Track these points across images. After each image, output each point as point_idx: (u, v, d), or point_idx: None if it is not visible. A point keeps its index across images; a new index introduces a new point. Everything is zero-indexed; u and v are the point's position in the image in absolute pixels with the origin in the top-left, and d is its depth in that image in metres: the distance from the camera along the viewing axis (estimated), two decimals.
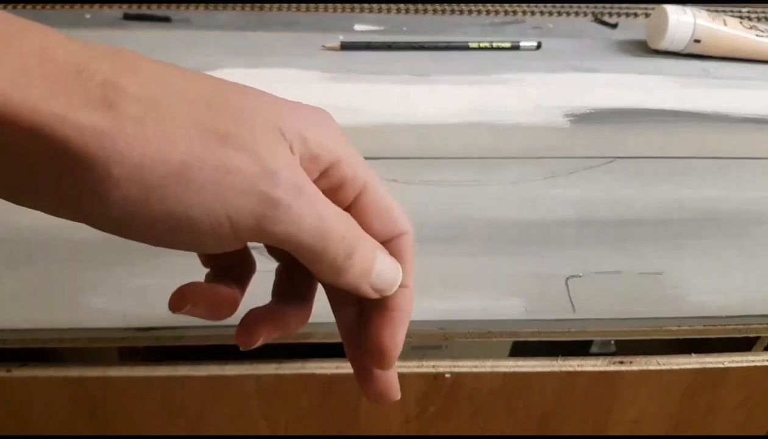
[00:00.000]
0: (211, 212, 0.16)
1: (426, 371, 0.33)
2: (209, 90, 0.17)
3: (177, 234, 0.17)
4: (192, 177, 0.16)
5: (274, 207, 0.17)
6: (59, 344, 0.31)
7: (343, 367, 0.33)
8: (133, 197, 0.15)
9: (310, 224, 0.17)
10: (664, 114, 0.48)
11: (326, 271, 0.19)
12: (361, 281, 0.19)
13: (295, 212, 0.17)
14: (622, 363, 0.34)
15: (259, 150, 0.17)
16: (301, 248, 0.18)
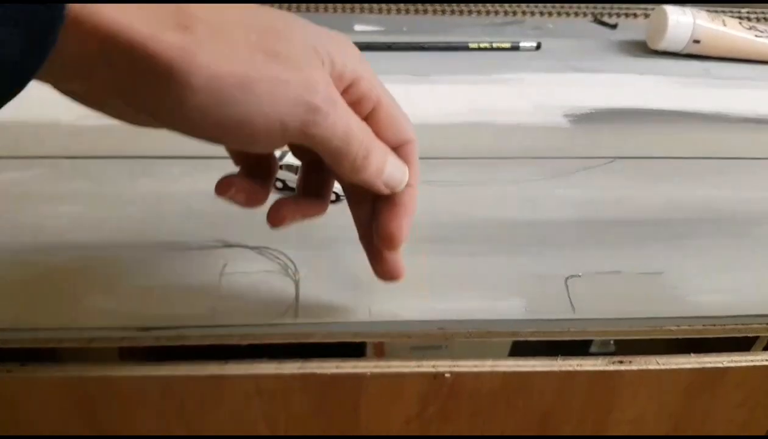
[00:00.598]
0: (266, 117, 0.20)
1: (426, 371, 0.33)
2: (260, 17, 0.21)
3: (238, 135, 0.20)
4: (253, 88, 0.19)
5: (315, 114, 0.21)
6: (59, 343, 0.31)
7: (343, 367, 0.33)
8: (206, 103, 0.19)
9: (340, 129, 0.22)
10: (664, 114, 0.48)
11: (347, 169, 0.23)
12: (375, 178, 0.24)
13: (331, 120, 0.21)
14: (622, 363, 0.34)
15: (303, 67, 0.21)
16: (330, 150, 0.22)
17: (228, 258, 0.33)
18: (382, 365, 0.33)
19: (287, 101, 0.20)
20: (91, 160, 0.40)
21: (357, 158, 0.23)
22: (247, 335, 0.31)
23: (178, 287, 0.31)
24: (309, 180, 0.28)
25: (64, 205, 0.36)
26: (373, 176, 0.24)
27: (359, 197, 0.27)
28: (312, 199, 0.28)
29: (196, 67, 0.18)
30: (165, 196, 0.37)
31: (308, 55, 0.21)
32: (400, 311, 0.31)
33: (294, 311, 0.31)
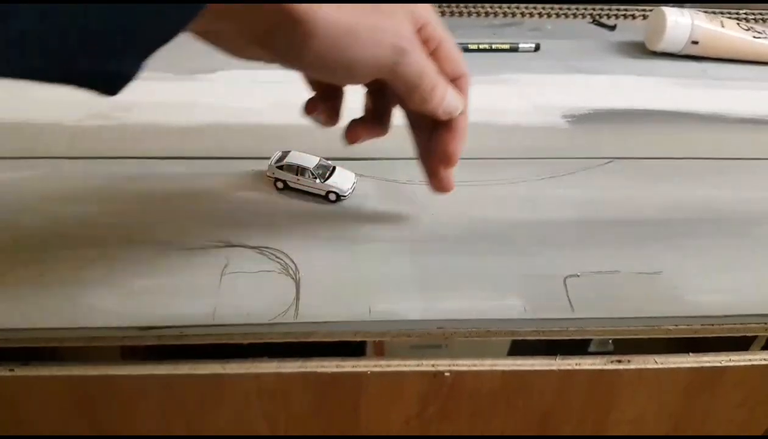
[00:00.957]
0: (369, 58, 0.25)
1: (426, 370, 0.33)
2: None
3: (343, 71, 0.26)
4: (359, 34, 0.25)
5: (402, 55, 0.26)
6: (61, 343, 0.31)
7: (343, 366, 0.33)
8: (325, 47, 0.24)
9: (417, 67, 0.27)
10: (662, 115, 0.48)
11: (417, 100, 0.28)
12: (437, 107, 0.29)
13: (412, 59, 0.27)
14: (621, 362, 0.34)
15: (394, 17, 0.26)
16: (407, 84, 0.27)
17: (229, 258, 0.33)
18: (382, 364, 0.33)
19: (384, 45, 0.26)
20: (93, 160, 0.40)
21: (425, 91, 0.28)
22: (248, 335, 0.31)
23: (180, 286, 0.32)
24: (374, 106, 0.33)
25: (66, 206, 0.36)
26: (436, 105, 0.29)
27: (421, 124, 0.33)
28: (377, 123, 0.33)
29: (320, 18, 0.23)
30: (166, 197, 0.38)
31: (396, 8, 0.26)
32: (400, 311, 0.31)
33: (294, 311, 0.31)
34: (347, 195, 0.37)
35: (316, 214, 0.37)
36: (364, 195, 0.38)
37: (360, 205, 0.38)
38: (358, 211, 0.37)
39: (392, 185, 0.39)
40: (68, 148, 0.41)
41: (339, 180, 0.37)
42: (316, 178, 0.37)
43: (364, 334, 0.32)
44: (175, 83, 0.49)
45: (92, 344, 0.31)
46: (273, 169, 0.38)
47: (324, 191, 0.37)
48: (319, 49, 0.24)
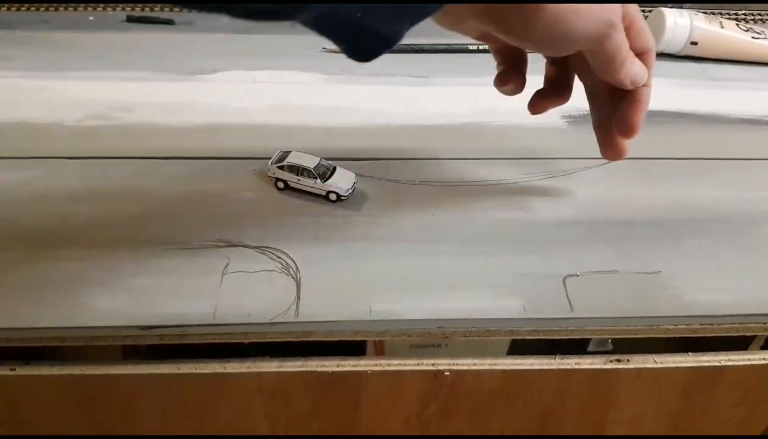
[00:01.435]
0: (586, 31, 0.28)
1: (426, 369, 0.33)
2: None
3: (563, 44, 0.29)
4: (580, 10, 0.27)
5: (612, 29, 0.29)
6: (62, 342, 0.31)
7: (343, 365, 0.33)
8: (551, 22, 0.27)
9: (617, 41, 0.29)
10: (661, 115, 0.48)
11: (610, 70, 0.31)
12: (625, 77, 0.31)
13: (618, 33, 0.29)
14: (620, 362, 0.34)
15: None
16: (606, 55, 0.30)
17: (230, 258, 0.33)
18: (383, 364, 0.33)
19: (599, 20, 0.28)
20: (94, 160, 0.40)
21: (617, 62, 0.31)
22: (249, 334, 0.31)
23: (180, 286, 0.32)
24: (556, 75, 0.36)
25: (66, 206, 0.36)
26: (624, 76, 0.32)
27: (600, 95, 0.35)
28: (559, 91, 0.36)
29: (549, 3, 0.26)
30: (167, 197, 0.38)
31: None
32: (400, 310, 0.31)
33: (295, 310, 0.31)
34: (347, 195, 0.38)
35: (317, 215, 0.37)
36: (364, 195, 0.38)
37: (360, 205, 0.38)
38: (358, 211, 0.37)
39: (392, 185, 0.40)
40: (68, 148, 0.41)
41: (339, 180, 0.38)
42: (316, 178, 0.37)
43: (364, 333, 0.32)
44: (175, 83, 0.49)
45: (93, 343, 0.31)
46: (273, 169, 0.38)
47: (324, 191, 0.37)
48: (547, 23, 0.27)
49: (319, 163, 0.38)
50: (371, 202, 0.38)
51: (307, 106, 0.47)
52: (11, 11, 0.58)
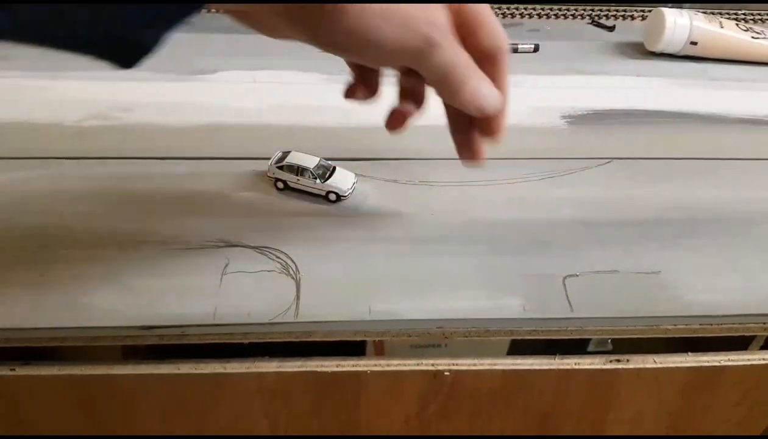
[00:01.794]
0: (397, 41, 0.25)
1: (425, 369, 0.33)
2: None
3: (373, 53, 0.26)
4: (390, 17, 0.24)
5: (431, 46, 0.26)
6: (62, 342, 0.31)
7: (343, 365, 0.33)
8: (355, 26, 0.24)
9: (446, 58, 0.26)
10: (661, 115, 0.48)
11: (445, 91, 0.28)
12: (469, 102, 0.28)
13: (442, 51, 0.26)
14: (619, 362, 0.34)
15: (428, 5, 0.26)
16: (435, 74, 0.27)
17: (230, 258, 0.33)
18: (382, 364, 0.33)
19: (413, 31, 0.25)
20: (93, 160, 0.40)
21: (454, 84, 0.28)
22: (249, 334, 0.31)
23: (180, 286, 0.32)
24: (405, 85, 0.33)
25: (66, 206, 0.36)
26: (468, 101, 0.28)
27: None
28: (414, 102, 0.33)
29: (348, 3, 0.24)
30: (166, 197, 0.38)
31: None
32: (399, 310, 0.31)
33: (295, 310, 0.31)
34: (347, 195, 0.38)
35: (316, 215, 0.37)
36: (364, 195, 0.38)
37: (360, 205, 0.38)
38: (358, 212, 0.37)
39: (392, 185, 0.40)
40: (68, 148, 0.41)
41: (339, 180, 0.38)
42: (316, 178, 0.37)
43: (364, 333, 0.32)
44: (175, 83, 0.49)
45: (93, 343, 0.31)
46: (273, 170, 0.38)
47: (324, 191, 0.37)
48: (349, 28, 0.24)
49: (318, 163, 0.38)
50: (371, 202, 0.38)
51: (307, 106, 0.47)
52: None
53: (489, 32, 0.29)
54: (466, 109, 0.29)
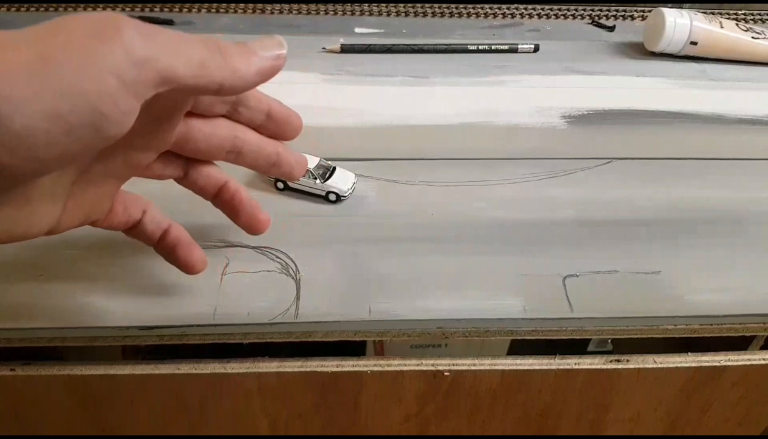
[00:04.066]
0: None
1: (425, 369, 0.34)
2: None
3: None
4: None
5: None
6: (62, 342, 0.31)
7: (343, 365, 0.33)
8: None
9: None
10: (661, 115, 0.48)
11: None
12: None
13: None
14: (619, 362, 0.34)
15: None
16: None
17: (229, 258, 0.33)
18: (382, 364, 0.33)
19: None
20: None
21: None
22: (249, 334, 0.31)
23: (180, 286, 0.32)
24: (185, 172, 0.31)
25: None
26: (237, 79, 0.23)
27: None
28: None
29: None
30: (167, 197, 0.38)
31: None
32: (399, 310, 0.31)
33: (295, 310, 0.31)
34: (347, 195, 0.38)
35: (316, 215, 0.37)
36: (364, 195, 0.38)
37: (360, 205, 0.38)
38: (358, 211, 0.37)
39: (392, 185, 0.40)
40: None
41: (339, 180, 0.38)
42: (316, 178, 0.37)
43: (364, 333, 0.32)
44: None
45: (93, 343, 0.31)
46: None
47: (324, 191, 0.38)
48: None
49: (318, 164, 0.38)
50: (371, 202, 0.38)
51: (306, 107, 0.47)
52: (11, 11, 0.58)
53: (252, 103, 0.27)
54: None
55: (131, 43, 0.19)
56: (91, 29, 0.19)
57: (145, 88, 0.19)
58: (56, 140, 0.19)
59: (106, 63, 0.18)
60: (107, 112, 0.19)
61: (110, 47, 0.18)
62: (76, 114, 0.18)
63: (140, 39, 0.19)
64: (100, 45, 0.18)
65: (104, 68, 0.18)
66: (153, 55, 0.19)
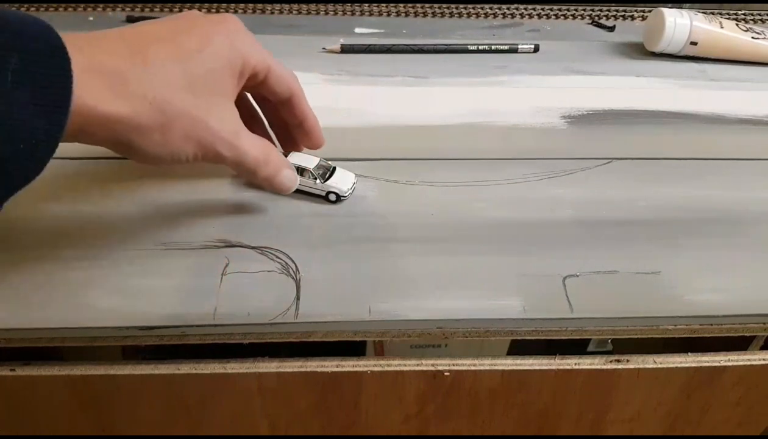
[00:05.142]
0: (194, 157, 0.31)
1: (425, 369, 0.34)
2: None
3: (179, 165, 0.33)
4: (183, 141, 0.29)
5: (220, 156, 0.31)
6: (62, 342, 0.31)
7: (343, 365, 0.33)
8: (158, 155, 0.29)
9: (236, 159, 0.32)
10: (661, 115, 0.48)
11: (242, 175, 0.36)
12: (265, 185, 0.34)
13: (230, 156, 0.31)
14: (619, 362, 0.34)
15: (221, 121, 0.31)
16: (232, 167, 0.32)
17: (229, 258, 0.33)
18: (382, 364, 0.33)
19: (205, 148, 0.30)
20: (93, 160, 0.40)
21: (247, 175, 0.33)
22: (249, 334, 0.31)
23: (180, 286, 0.32)
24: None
25: (67, 206, 0.36)
26: (262, 181, 0.34)
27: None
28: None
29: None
30: (167, 197, 0.38)
31: (214, 93, 0.30)
32: (399, 310, 0.31)
33: (295, 311, 0.31)
34: (347, 195, 0.38)
35: (316, 215, 0.37)
36: (364, 195, 0.39)
37: (360, 205, 0.38)
38: (358, 212, 0.37)
39: (392, 185, 0.40)
40: (68, 148, 0.41)
41: (339, 180, 0.38)
42: (316, 178, 0.37)
43: (364, 334, 0.32)
44: None
45: (93, 343, 0.31)
46: None
47: (324, 192, 0.38)
48: (152, 158, 0.29)
49: (318, 164, 0.38)
50: (371, 202, 0.38)
51: None
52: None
53: (277, 80, 0.33)
54: (266, 188, 0.35)
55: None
56: None
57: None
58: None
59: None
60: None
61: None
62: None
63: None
64: None
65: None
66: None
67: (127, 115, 0.26)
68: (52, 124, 0.24)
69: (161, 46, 0.28)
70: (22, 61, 0.22)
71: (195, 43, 0.29)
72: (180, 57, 0.28)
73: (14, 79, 0.22)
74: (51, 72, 0.23)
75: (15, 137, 0.23)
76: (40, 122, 0.23)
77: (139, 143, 0.28)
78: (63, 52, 0.24)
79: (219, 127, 0.30)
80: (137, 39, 0.28)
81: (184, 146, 0.29)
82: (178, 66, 0.28)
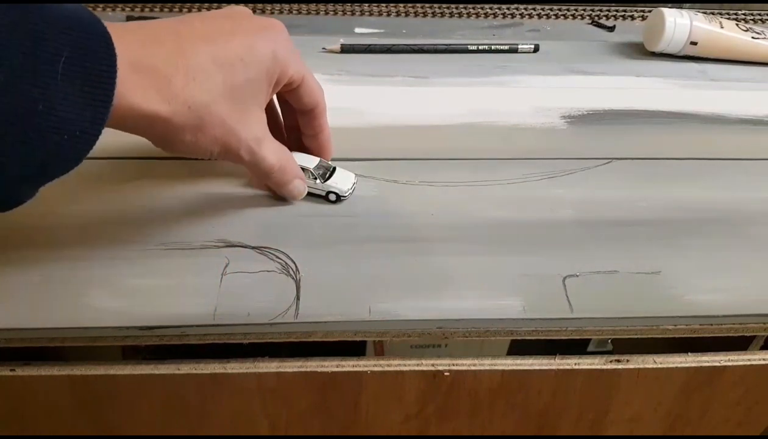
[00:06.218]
0: (222, 156, 0.32)
1: (425, 370, 0.34)
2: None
3: (210, 157, 0.31)
4: (214, 143, 0.30)
5: (243, 160, 0.33)
6: (62, 343, 0.31)
7: (343, 365, 0.33)
8: (192, 150, 0.30)
9: (254, 162, 0.33)
10: (661, 115, 0.48)
11: (258, 177, 0.37)
12: (277, 189, 0.36)
13: (251, 161, 0.33)
14: (619, 362, 0.34)
15: (249, 128, 0.32)
16: (249, 168, 0.34)
17: (229, 258, 0.33)
18: (382, 364, 0.33)
19: (234, 153, 0.32)
20: (94, 160, 0.40)
21: (261, 176, 0.35)
22: (249, 334, 0.31)
23: (180, 286, 0.32)
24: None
25: (66, 206, 0.36)
26: (273, 187, 0.36)
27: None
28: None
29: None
30: (167, 197, 0.38)
31: (249, 101, 0.31)
32: (399, 310, 0.31)
33: (295, 311, 0.31)
34: (347, 195, 0.38)
35: (316, 215, 0.37)
36: (364, 195, 0.39)
37: (360, 205, 0.38)
38: (358, 212, 0.37)
39: (392, 185, 0.40)
40: None
41: (339, 180, 0.38)
42: (316, 178, 0.37)
43: (364, 334, 0.32)
44: None
45: (93, 343, 0.31)
46: None
47: (324, 192, 0.38)
48: (189, 151, 0.30)
49: (319, 164, 0.38)
50: (371, 202, 0.38)
51: None
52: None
53: (306, 91, 0.34)
54: (278, 192, 0.36)
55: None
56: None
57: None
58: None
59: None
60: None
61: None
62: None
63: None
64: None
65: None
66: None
67: (165, 116, 0.27)
68: (95, 118, 0.24)
69: (206, 48, 0.28)
70: (72, 55, 0.23)
71: (239, 49, 0.29)
72: (222, 63, 0.29)
73: (64, 72, 0.23)
74: (99, 68, 0.24)
75: (59, 128, 0.23)
76: (85, 115, 0.24)
77: (170, 139, 0.29)
78: (110, 48, 0.24)
79: (246, 135, 0.31)
80: (183, 37, 0.28)
81: (210, 147, 0.30)
82: (220, 73, 0.28)
